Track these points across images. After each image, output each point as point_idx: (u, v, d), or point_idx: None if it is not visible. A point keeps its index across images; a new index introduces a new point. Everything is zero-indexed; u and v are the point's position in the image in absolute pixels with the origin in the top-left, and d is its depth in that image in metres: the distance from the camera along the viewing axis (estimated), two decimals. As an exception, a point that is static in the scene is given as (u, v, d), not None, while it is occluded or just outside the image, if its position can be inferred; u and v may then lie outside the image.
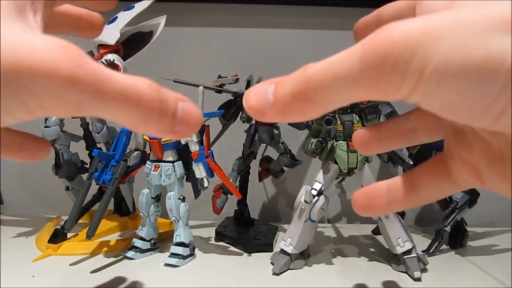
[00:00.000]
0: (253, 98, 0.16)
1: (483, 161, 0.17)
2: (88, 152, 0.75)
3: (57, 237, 0.67)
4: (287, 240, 0.62)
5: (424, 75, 0.13)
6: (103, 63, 0.66)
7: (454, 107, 0.14)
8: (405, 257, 0.60)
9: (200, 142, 0.63)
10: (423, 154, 0.72)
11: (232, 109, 0.74)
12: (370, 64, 0.14)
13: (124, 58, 0.69)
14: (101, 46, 0.68)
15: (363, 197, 0.20)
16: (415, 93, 0.14)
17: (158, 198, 0.67)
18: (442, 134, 0.19)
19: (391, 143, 0.21)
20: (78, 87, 0.13)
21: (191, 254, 0.65)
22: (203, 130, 0.64)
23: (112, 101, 0.14)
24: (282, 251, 0.62)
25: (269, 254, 0.66)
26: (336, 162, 0.62)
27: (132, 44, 0.70)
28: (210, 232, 0.76)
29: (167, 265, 0.62)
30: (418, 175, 0.19)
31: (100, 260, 0.64)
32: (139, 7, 0.69)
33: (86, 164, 0.75)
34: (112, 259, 0.64)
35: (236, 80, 0.77)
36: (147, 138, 0.64)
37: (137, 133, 0.66)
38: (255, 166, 0.78)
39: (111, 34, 0.67)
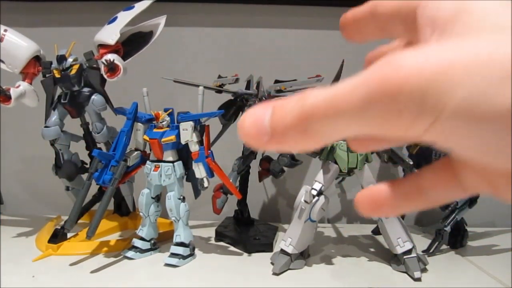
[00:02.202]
0: (249, 126, 0.15)
1: (500, 178, 0.15)
2: (88, 152, 0.75)
3: (57, 237, 0.67)
4: (287, 240, 0.62)
5: (437, 120, 0.12)
6: (103, 63, 0.66)
7: (472, 151, 0.13)
8: (405, 257, 0.60)
9: (200, 142, 0.63)
10: (423, 154, 0.72)
11: (232, 109, 0.74)
12: (376, 102, 0.13)
13: (124, 58, 0.69)
14: (101, 46, 0.68)
15: (368, 198, 0.19)
16: (427, 136, 0.13)
17: (158, 198, 0.67)
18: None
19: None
20: None
21: (191, 254, 0.65)
22: (203, 130, 0.64)
23: None
24: (282, 251, 0.62)
25: (269, 254, 0.66)
26: (336, 162, 0.62)
27: (132, 44, 0.70)
28: (210, 232, 0.76)
29: (167, 265, 0.62)
30: (426, 178, 0.18)
31: (100, 260, 0.64)
32: (139, 7, 0.69)
33: (86, 164, 0.75)
34: (112, 259, 0.64)
35: (236, 80, 0.77)
36: (147, 138, 0.64)
37: (137, 133, 0.66)
38: (255, 166, 0.78)
39: (111, 34, 0.67)
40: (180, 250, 0.63)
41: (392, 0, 0.18)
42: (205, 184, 0.63)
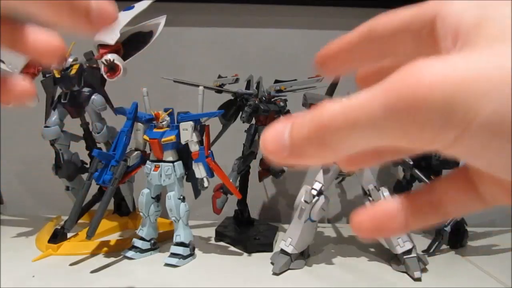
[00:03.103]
0: (270, 141, 0.15)
1: None
2: (88, 152, 0.75)
3: (57, 237, 0.67)
4: (287, 240, 0.62)
5: (464, 134, 0.12)
6: (103, 63, 0.66)
7: (499, 166, 0.12)
8: (405, 257, 0.60)
9: (200, 142, 0.63)
10: (424, 154, 0.72)
11: (232, 109, 0.74)
12: (396, 113, 0.12)
13: (124, 58, 0.69)
14: (101, 46, 0.68)
15: (370, 220, 0.17)
16: (451, 150, 0.12)
17: (158, 198, 0.67)
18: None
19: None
20: None
21: (191, 254, 0.65)
22: (203, 130, 0.64)
23: None
24: (282, 251, 0.62)
25: (269, 254, 0.66)
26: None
27: (132, 44, 0.70)
28: (210, 232, 0.76)
29: (167, 265, 0.62)
30: (442, 191, 0.17)
31: (100, 260, 0.64)
32: (139, 7, 0.69)
33: (86, 164, 0.75)
34: (112, 259, 0.64)
35: (236, 80, 0.77)
36: (147, 138, 0.64)
37: (137, 133, 0.66)
38: (255, 166, 0.78)
39: (111, 34, 0.67)
40: (180, 250, 0.63)
41: (398, 16, 0.17)
42: (205, 184, 0.63)
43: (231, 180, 0.68)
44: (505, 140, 0.11)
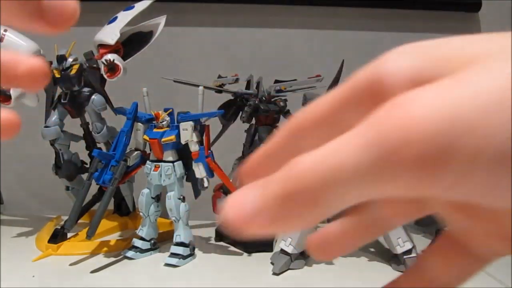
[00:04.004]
0: (231, 208, 0.12)
1: None
2: (88, 152, 0.75)
3: (57, 237, 0.67)
4: (287, 240, 0.62)
5: (467, 173, 0.10)
6: (103, 63, 0.66)
7: (499, 199, 0.10)
8: (405, 257, 0.60)
9: (200, 142, 0.63)
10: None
11: (232, 109, 0.74)
12: (386, 158, 0.10)
13: (124, 58, 0.69)
14: (101, 46, 0.68)
15: (317, 242, 0.16)
16: (453, 192, 0.10)
17: (158, 198, 0.67)
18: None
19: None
20: None
21: (191, 254, 0.65)
22: (203, 130, 0.64)
23: None
24: (282, 251, 0.62)
25: (269, 254, 0.66)
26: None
27: (132, 44, 0.70)
28: (210, 232, 0.76)
29: (167, 265, 0.62)
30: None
31: (100, 260, 0.64)
32: (139, 7, 0.69)
33: (86, 164, 0.74)
34: (112, 259, 0.64)
35: (236, 80, 0.77)
36: (147, 138, 0.64)
37: (137, 133, 0.66)
38: (255, 166, 0.78)
39: (111, 34, 0.67)
40: (180, 250, 0.63)
41: (329, 99, 0.14)
42: (205, 184, 0.63)
43: (231, 180, 0.68)
44: (502, 170, 0.10)
